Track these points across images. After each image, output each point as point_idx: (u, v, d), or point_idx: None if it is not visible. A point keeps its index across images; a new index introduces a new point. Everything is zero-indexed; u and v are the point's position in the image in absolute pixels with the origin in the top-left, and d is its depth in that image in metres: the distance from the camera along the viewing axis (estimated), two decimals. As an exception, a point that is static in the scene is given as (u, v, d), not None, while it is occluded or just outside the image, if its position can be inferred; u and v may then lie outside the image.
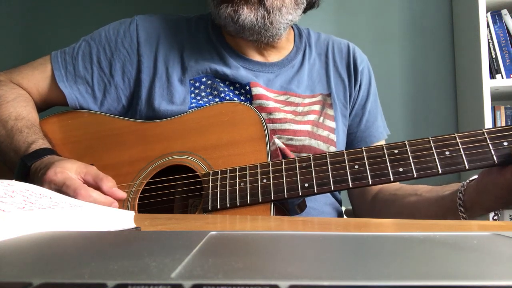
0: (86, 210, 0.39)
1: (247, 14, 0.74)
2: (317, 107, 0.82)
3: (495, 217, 0.65)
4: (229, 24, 0.77)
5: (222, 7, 0.75)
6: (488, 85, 1.49)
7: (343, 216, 0.87)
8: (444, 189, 0.66)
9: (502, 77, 1.53)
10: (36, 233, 0.31)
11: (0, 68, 0.86)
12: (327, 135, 0.81)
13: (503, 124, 1.62)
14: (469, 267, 0.21)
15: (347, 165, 0.59)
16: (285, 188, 0.60)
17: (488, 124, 1.48)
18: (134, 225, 0.40)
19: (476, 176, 0.61)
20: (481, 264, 0.22)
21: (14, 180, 0.65)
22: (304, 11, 0.85)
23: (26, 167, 0.64)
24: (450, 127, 1.77)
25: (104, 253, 0.25)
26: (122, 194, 0.62)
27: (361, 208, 0.85)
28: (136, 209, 0.66)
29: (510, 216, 1.48)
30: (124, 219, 0.40)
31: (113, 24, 0.85)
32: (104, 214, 0.40)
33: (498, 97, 1.64)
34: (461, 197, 0.60)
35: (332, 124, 0.82)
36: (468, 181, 0.62)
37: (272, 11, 0.75)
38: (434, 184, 0.70)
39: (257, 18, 0.75)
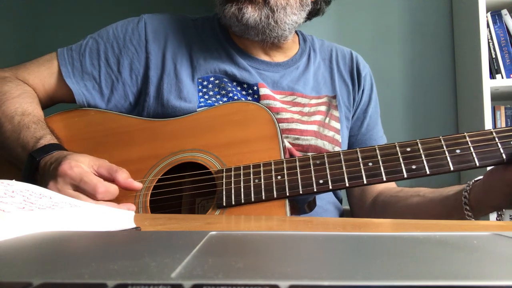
0: (86, 210, 0.39)
1: (251, 13, 0.75)
2: (323, 108, 0.84)
3: (498, 218, 0.65)
4: (234, 24, 0.78)
5: (227, 7, 0.76)
6: (488, 85, 1.49)
7: (343, 215, 0.88)
8: (448, 189, 0.67)
9: (502, 77, 1.53)
10: (36, 233, 0.31)
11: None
12: (332, 135, 0.82)
13: (503, 124, 1.62)
14: (469, 267, 0.21)
15: (361, 162, 0.60)
16: (300, 184, 0.61)
17: (488, 124, 1.48)
18: (134, 225, 0.40)
19: (480, 177, 0.62)
20: (481, 264, 0.22)
21: (22, 175, 0.66)
22: (309, 18, 0.87)
23: (35, 161, 0.64)
24: (450, 127, 1.76)
25: (104, 253, 0.25)
26: (138, 185, 0.63)
27: (360, 210, 0.86)
28: (148, 205, 0.66)
29: (510, 216, 1.48)
30: (124, 219, 0.40)
31: (121, 22, 0.86)
32: (104, 214, 0.40)
33: (498, 97, 1.63)
34: (467, 195, 0.61)
35: (337, 125, 0.84)
36: (473, 181, 0.63)
37: (277, 10, 0.76)
38: (435, 186, 0.70)
39: (261, 18, 0.76)
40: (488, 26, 1.55)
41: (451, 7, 1.80)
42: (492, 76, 1.53)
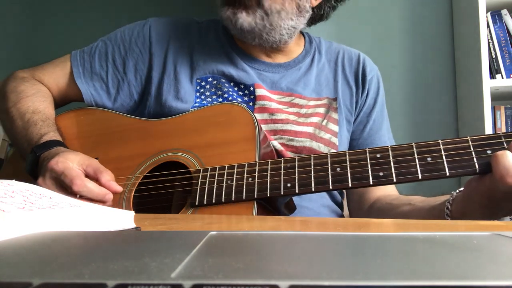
0: (86, 210, 0.39)
1: (245, 18, 0.76)
2: (321, 110, 0.83)
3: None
4: (230, 27, 0.79)
5: (223, 10, 0.78)
6: (488, 85, 1.49)
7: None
8: (436, 199, 0.66)
9: (502, 77, 1.53)
10: (36, 233, 0.31)
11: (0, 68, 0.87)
12: (329, 138, 0.81)
13: (503, 124, 1.62)
14: (469, 267, 0.21)
15: (329, 167, 0.60)
16: (268, 187, 0.61)
17: (488, 124, 1.48)
18: (134, 225, 0.40)
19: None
20: (481, 264, 0.22)
21: (25, 168, 0.69)
22: (314, 23, 0.87)
23: (36, 156, 0.68)
24: (450, 127, 1.76)
25: (104, 253, 0.25)
26: (118, 188, 0.66)
27: (357, 214, 0.86)
28: (131, 201, 0.69)
29: (510, 216, 1.48)
30: (124, 219, 0.40)
31: (129, 25, 0.90)
32: (104, 214, 0.40)
33: (498, 97, 1.63)
34: (449, 206, 0.60)
35: (335, 128, 0.83)
36: (457, 191, 0.61)
37: (271, 13, 0.76)
38: (433, 194, 0.70)
39: (255, 21, 0.76)
40: (488, 26, 1.55)
41: (451, 7, 1.80)
42: (492, 76, 1.53)
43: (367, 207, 0.82)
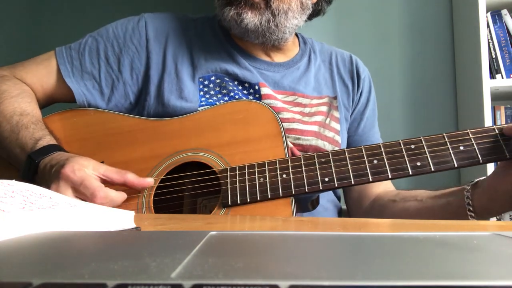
0: (86, 210, 0.39)
1: (251, 19, 0.75)
2: (324, 108, 0.84)
3: (498, 218, 0.65)
4: (234, 26, 0.78)
5: (226, 10, 0.76)
6: (488, 85, 1.49)
7: (342, 212, 0.88)
8: (447, 194, 0.66)
9: (502, 77, 1.53)
10: (36, 233, 0.31)
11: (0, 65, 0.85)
12: (332, 136, 0.82)
13: (503, 124, 1.62)
14: (469, 267, 0.21)
15: (366, 160, 0.61)
16: (305, 182, 0.61)
17: (488, 124, 1.48)
18: (134, 225, 0.40)
19: (478, 179, 0.62)
20: (481, 264, 0.22)
21: (20, 176, 0.65)
22: (310, 18, 0.87)
23: (34, 163, 0.63)
24: (450, 127, 1.76)
25: (104, 253, 0.25)
26: (150, 181, 0.64)
27: (357, 212, 0.86)
28: (152, 205, 0.66)
29: (510, 216, 1.48)
30: (124, 219, 0.40)
31: (121, 21, 0.85)
32: (104, 214, 0.40)
33: (498, 97, 1.63)
34: (470, 202, 0.61)
35: (337, 126, 0.84)
36: (470, 185, 0.62)
37: (278, 14, 0.75)
38: (434, 185, 0.70)
39: (261, 22, 0.75)
40: (488, 26, 1.55)
41: (451, 7, 1.80)
42: (492, 76, 1.53)
43: (367, 204, 0.82)
